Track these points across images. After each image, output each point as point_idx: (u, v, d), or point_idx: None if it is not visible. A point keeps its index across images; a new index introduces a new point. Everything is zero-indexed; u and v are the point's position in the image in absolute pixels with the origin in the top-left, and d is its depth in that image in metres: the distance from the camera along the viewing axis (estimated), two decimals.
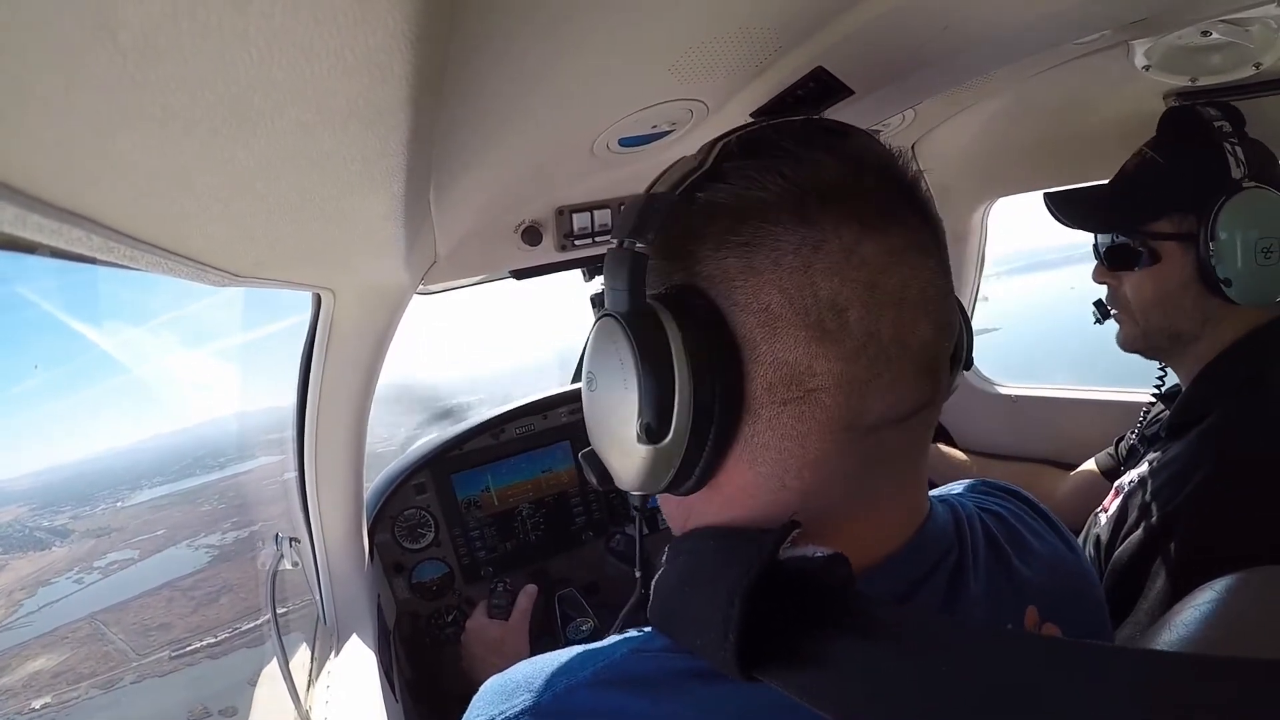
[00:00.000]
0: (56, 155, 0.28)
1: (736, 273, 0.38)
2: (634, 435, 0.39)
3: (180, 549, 4.55)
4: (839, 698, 0.32)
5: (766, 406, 0.38)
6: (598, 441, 0.45)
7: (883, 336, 0.37)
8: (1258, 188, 0.80)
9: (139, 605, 3.34)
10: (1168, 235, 0.84)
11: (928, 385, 0.40)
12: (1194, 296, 0.84)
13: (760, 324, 0.37)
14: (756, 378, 0.38)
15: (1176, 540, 0.74)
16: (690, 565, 0.41)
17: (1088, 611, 0.52)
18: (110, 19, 0.21)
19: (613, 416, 0.41)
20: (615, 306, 0.39)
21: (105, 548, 4.83)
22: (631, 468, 0.40)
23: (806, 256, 0.37)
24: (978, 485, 0.56)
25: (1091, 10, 0.67)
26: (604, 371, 0.41)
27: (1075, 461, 1.28)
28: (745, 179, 0.38)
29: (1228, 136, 0.83)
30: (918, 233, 0.40)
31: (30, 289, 2.04)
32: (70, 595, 3.82)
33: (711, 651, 0.36)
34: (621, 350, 0.39)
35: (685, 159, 0.41)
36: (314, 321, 0.90)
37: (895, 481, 0.42)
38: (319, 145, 0.37)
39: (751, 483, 0.40)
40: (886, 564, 0.42)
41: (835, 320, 0.37)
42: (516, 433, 1.43)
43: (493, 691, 0.42)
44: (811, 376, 0.37)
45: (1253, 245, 0.79)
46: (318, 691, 0.90)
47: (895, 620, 0.35)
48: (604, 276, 0.41)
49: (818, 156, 0.39)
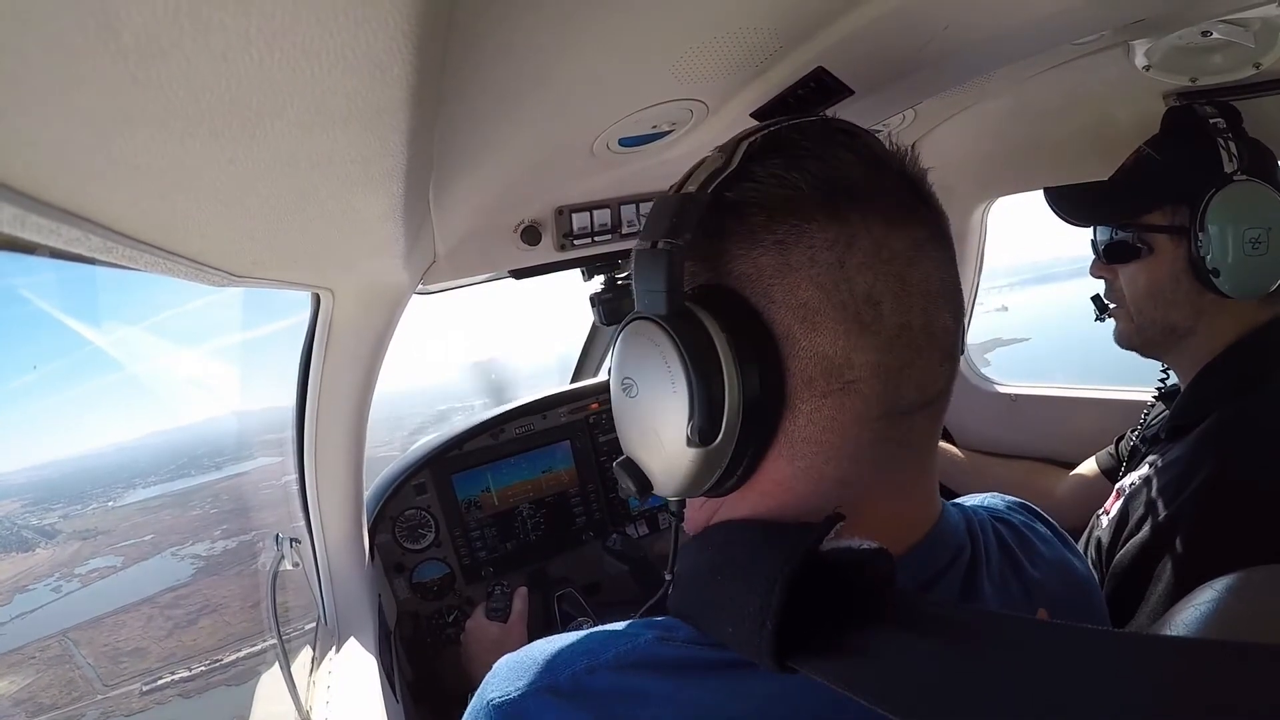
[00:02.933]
0: (56, 155, 0.28)
1: (772, 270, 0.38)
2: (683, 439, 0.39)
3: (165, 558, 4.38)
4: (882, 687, 0.32)
5: (806, 400, 0.39)
6: (638, 448, 0.44)
7: (914, 326, 0.38)
8: (1249, 181, 0.82)
9: (114, 622, 3.20)
10: (1160, 227, 0.86)
11: (948, 370, 0.41)
12: (1186, 289, 0.85)
13: (799, 319, 0.38)
14: (796, 372, 0.38)
15: (1178, 543, 0.74)
16: (724, 556, 0.41)
17: (1094, 620, 0.52)
18: (112, 19, 0.21)
19: (657, 421, 0.41)
20: (652, 309, 0.39)
21: (89, 552, 4.65)
22: (678, 471, 0.40)
23: (841, 252, 0.38)
24: (987, 497, 0.57)
25: (1091, 10, 0.67)
26: (646, 376, 0.41)
27: (1075, 460, 1.28)
28: (774, 178, 0.39)
29: (1222, 132, 0.84)
30: (934, 225, 0.41)
31: (37, 281, 1.95)
32: (46, 605, 3.63)
33: (744, 640, 0.36)
34: (666, 353, 0.39)
35: (709, 159, 0.42)
36: (313, 321, 0.90)
37: (920, 466, 0.43)
38: (318, 145, 0.36)
39: (789, 476, 0.41)
40: (910, 555, 0.42)
41: (871, 312, 0.38)
42: (517, 432, 1.43)
43: (507, 669, 0.42)
44: (850, 368, 0.38)
45: (1241, 236, 0.80)
46: (318, 692, 0.89)
47: (936, 611, 0.35)
48: (635, 278, 0.41)
49: (841, 155, 0.40)
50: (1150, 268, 0.87)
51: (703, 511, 0.46)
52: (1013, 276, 19.11)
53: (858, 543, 0.37)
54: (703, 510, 0.46)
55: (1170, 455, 0.82)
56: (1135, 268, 0.89)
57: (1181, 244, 0.84)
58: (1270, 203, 0.82)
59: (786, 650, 0.35)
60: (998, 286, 20.74)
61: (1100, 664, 0.30)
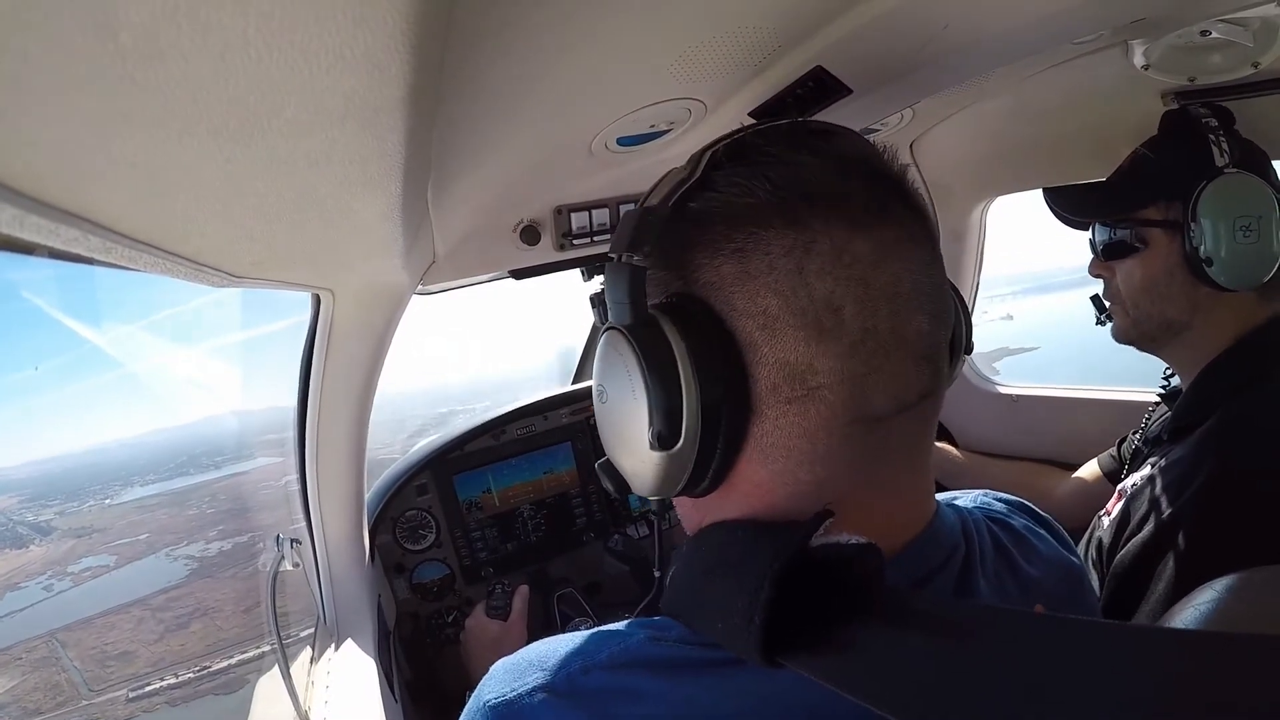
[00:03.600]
0: (56, 155, 0.28)
1: (733, 278, 0.39)
2: (647, 442, 0.39)
3: (159, 558, 4.23)
4: (870, 682, 0.32)
5: (772, 406, 0.39)
6: (612, 450, 0.46)
7: (879, 331, 0.38)
8: (1239, 172, 0.83)
9: (103, 624, 3.06)
10: (1154, 222, 0.88)
11: (928, 374, 0.41)
12: (1180, 282, 0.86)
13: (760, 326, 0.38)
14: (760, 379, 0.39)
15: (1179, 545, 0.74)
16: (714, 555, 0.42)
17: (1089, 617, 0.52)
18: (111, 19, 0.21)
19: (625, 426, 0.42)
20: (618, 319, 0.40)
21: (83, 550, 4.47)
22: (647, 474, 0.41)
23: (799, 258, 0.37)
24: (983, 497, 0.57)
25: (1090, 10, 0.67)
26: (613, 383, 0.42)
27: (1076, 461, 1.28)
28: (734, 186, 0.39)
29: (1214, 130, 0.86)
30: (908, 226, 0.40)
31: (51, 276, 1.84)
32: (37, 604, 3.43)
33: (734, 636, 0.36)
34: (628, 361, 0.40)
35: (675, 170, 0.42)
36: (313, 322, 0.90)
37: (908, 467, 0.43)
38: (317, 145, 0.37)
39: (766, 480, 0.41)
40: (903, 554, 0.43)
41: (832, 318, 0.37)
42: (518, 434, 1.43)
43: (504, 670, 0.43)
44: (813, 374, 0.38)
45: (1232, 224, 0.82)
46: (318, 692, 0.89)
47: (925, 608, 0.35)
48: (605, 291, 0.42)
49: (802, 159, 0.39)
50: (1146, 262, 0.89)
51: (694, 511, 0.47)
52: (1014, 285, 19.07)
53: (846, 538, 0.37)
54: (694, 510, 0.47)
55: (1172, 456, 0.82)
56: (1131, 263, 0.90)
57: (1175, 238, 0.85)
58: (1260, 192, 0.83)
59: (775, 646, 0.35)
60: (1000, 295, 20.57)
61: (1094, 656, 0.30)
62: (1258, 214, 0.82)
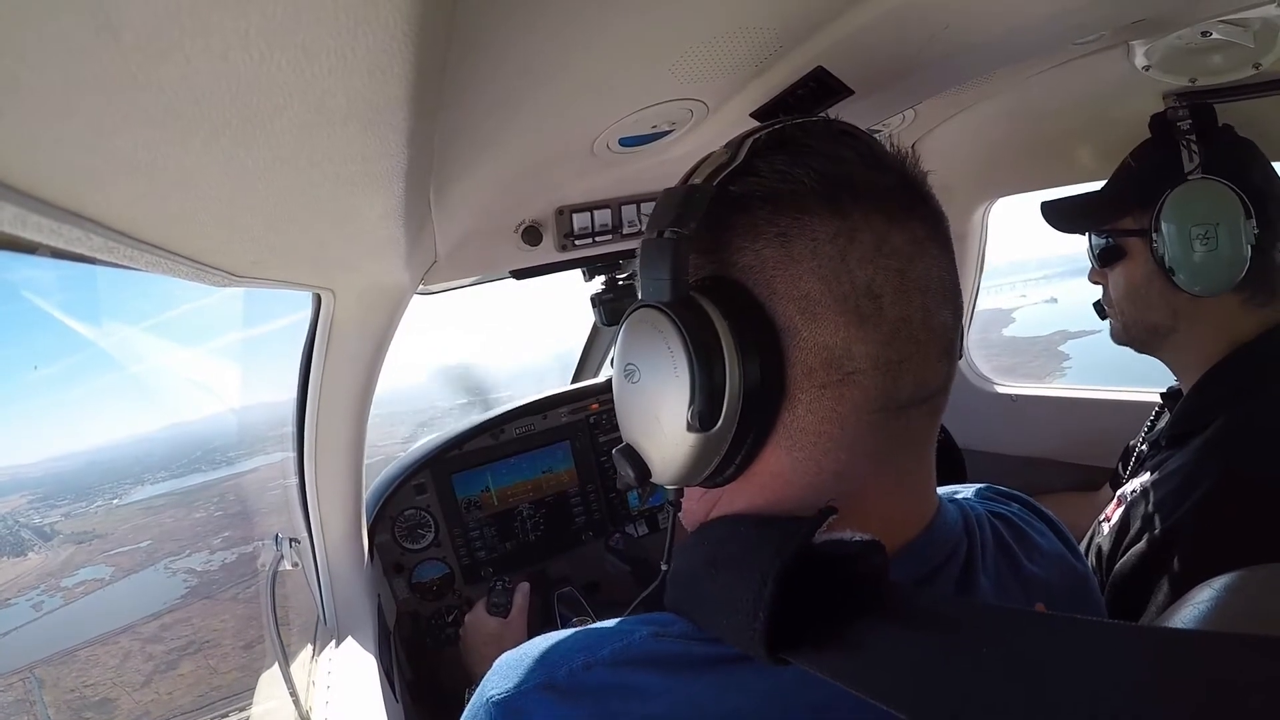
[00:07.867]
0: (56, 155, 0.28)
1: (775, 262, 0.39)
2: (683, 424, 0.39)
3: (158, 571, 4.04)
4: (874, 678, 0.33)
5: (806, 391, 0.39)
6: (637, 435, 0.44)
7: (913, 321, 0.39)
8: (1204, 179, 0.84)
9: (87, 657, 2.84)
10: (1131, 231, 0.90)
11: (947, 367, 0.42)
12: (1159, 289, 0.88)
13: (800, 310, 0.38)
14: (796, 363, 0.39)
15: (1179, 554, 0.74)
16: (720, 550, 0.41)
17: (1091, 614, 0.52)
18: (113, 19, 0.21)
19: (659, 405, 0.41)
20: (656, 296, 0.40)
21: (81, 559, 4.25)
22: (678, 458, 0.41)
23: (842, 245, 0.38)
24: (984, 490, 0.57)
25: (1091, 11, 0.67)
26: (649, 361, 0.41)
27: (1075, 460, 1.28)
28: (777, 173, 0.40)
29: (1184, 134, 0.87)
30: (932, 226, 0.42)
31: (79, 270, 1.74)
32: (22, 627, 3.17)
33: (738, 633, 0.36)
34: (670, 339, 0.39)
35: (715, 154, 0.42)
36: (314, 321, 0.90)
37: (917, 462, 0.44)
38: (319, 145, 0.37)
39: (788, 468, 0.41)
40: (907, 550, 0.43)
41: (871, 305, 0.38)
42: (516, 433, 1.43)
43: (507, 666, 0.42)
44: (850, 360, 0.38)
45: (1188, 234, 0.83)
46: (318, 692, 0.90)
47: (929, 603, 0.35)
48: (640, 267, 0.41)
49: (843, 153, 0.40)
50: (1128, 270, 0.91)
51: (701, 504, 0.47)
52: (1045, 269, 18.75)
53: (850, 535, 0.37)
54: (701, 503, 0.47)
55: (1172, 464, 0.82)
56: (1118, 271, 0.93)
57: (1148, 245, 0.87)
58: (1220, 199, 0.83)
59: (780, 642, 0.35)
60: (1033, 279, 20.22)
61: (1095, 653, 0.30)
62: (1214, 222, 0.82)
